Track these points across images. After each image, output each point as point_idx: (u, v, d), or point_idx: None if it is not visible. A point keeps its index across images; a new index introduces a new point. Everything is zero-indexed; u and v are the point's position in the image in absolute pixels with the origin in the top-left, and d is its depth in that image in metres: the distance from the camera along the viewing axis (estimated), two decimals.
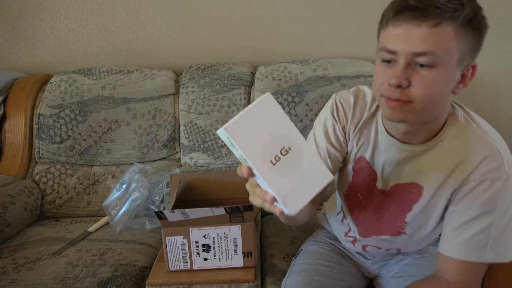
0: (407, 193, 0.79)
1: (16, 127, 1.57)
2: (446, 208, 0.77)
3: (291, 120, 0.57)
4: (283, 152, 0.56)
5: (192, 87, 1.57)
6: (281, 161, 0.56)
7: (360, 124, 0.80)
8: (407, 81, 0.64)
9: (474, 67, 0.68)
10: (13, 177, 1.49)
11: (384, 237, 0.87)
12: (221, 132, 0.55)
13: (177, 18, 1.74)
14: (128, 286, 1.06)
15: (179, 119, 1.58)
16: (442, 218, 0.79)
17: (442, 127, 0.74)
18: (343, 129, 0.82)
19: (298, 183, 0.56)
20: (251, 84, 1.61)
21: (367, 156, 0.82)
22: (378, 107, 0.80)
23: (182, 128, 1.57)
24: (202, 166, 1.55)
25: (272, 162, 0.56)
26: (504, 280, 1.01)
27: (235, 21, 1.75)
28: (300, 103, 1.50)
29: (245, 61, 1.71)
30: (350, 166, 0.85)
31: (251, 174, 0.57)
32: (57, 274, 1.08)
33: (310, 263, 0.95)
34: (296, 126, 0.57)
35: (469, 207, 0.72)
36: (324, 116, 0.83)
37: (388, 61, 0.67)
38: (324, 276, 0.90)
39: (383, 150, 0.79)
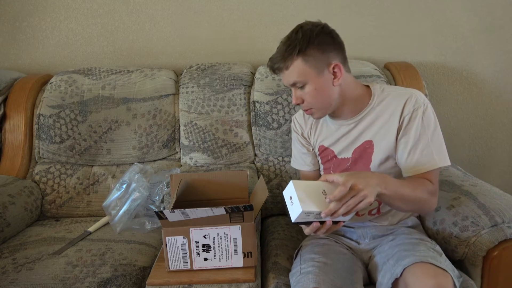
0: (363, 150, 1.07)
1: (16, 127, 1.57)
2: (395, 147, 1.03)
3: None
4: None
5: (192, 87, 1.57)
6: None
7: (313, 123, 1.17)
8: (300, 99, 1.03)
9: (337, 65, 0.99)
10: (13, 177, 1.49)
11: None
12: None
13: (177, 18, 1.74)
14: (128, 286, 1.06)
15: (179, 119, 1.58)
16: (393, 156, 1.05)
17: (369, 101, 1.06)
18: (302, 135, 1.19)
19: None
20: (251, 84, 1.61)
21: (324, 143, 1.15)
22: None
23: (182, 128, 1.57)
24: (202, 166, 1.55)
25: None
26: (504, 280, 1.01)
27: (235, 21, 1.75)
28: None
29: (245, 61, 1.71)
30: (318, 155, 1.18)
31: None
32: (57, 274, 1.08)
33: (318, 251, 1.02)
34: None
35: (409, 133, 1.00)
36: (292, 135, 1.24)
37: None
38: (335, 260, 1.00)
39: (334, 131, 1.11)
